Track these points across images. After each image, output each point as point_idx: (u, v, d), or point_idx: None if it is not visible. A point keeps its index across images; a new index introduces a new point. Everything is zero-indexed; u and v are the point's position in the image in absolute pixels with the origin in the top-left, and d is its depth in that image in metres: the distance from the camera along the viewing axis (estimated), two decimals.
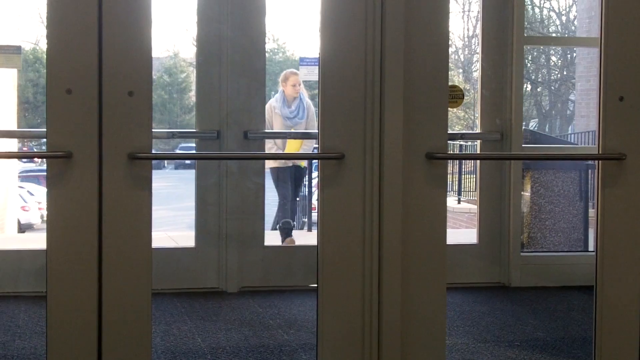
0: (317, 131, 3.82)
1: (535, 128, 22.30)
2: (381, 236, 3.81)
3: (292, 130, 8.35)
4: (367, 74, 3.78)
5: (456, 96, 6.26)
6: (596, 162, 4.06)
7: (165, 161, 17.97)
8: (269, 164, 8.76)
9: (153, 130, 3.64)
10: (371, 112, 3.78)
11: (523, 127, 6.87)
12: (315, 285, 3.86)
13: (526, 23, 6.80)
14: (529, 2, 22.96)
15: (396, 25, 3.76)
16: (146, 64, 3.59)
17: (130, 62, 3.56)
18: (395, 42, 3.76)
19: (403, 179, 3.80)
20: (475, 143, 7.88)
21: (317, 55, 3.77)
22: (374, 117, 3.78)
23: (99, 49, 3.54)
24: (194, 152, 8.19)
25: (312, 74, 8.29)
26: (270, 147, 8.25)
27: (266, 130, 8.24)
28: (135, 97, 3.57)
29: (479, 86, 6.94)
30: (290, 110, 8.43)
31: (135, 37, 3.56)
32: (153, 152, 3.64)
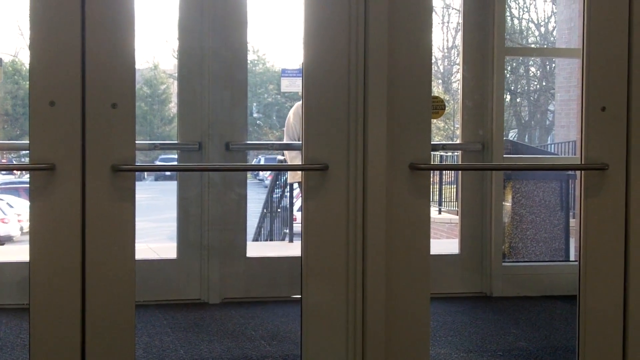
0: None
1: (515, 138, 22.38)
2: (365, 247, 3.81)
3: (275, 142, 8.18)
4: (351, 85, 3.79)
5: (438, 107, 6.28)
6: (579, 172, 4.08)
7: (146, 172, 17.91)
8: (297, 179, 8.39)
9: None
10: (355, 123, 3.79)
11: (504, 138, 6.89)
12: (298, 296, 3.86)
13: (505, 34, 6.83)
14: (508, 14, 23.06)
15: (379, 37, 3.77)
16: (129, 76, 3.59)
17: (113, 74, 3.55)
18: (379, 53, 3.78)
19: (387, 189, 3.81)
20: (456, 153, 7.90)
21: (299, 67, 3.78)
22: (357, 128, 3.79)
23: (82, 61, 3.53)
24: (175, 163, 8.14)
25: (294, 85, 8.25)
26: (294, 155, 7.97)
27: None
28: (119, 109, 3.56)
29: (459, 97, 6.95)
30: None
31: (119, 49, 3.56)
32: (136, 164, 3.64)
